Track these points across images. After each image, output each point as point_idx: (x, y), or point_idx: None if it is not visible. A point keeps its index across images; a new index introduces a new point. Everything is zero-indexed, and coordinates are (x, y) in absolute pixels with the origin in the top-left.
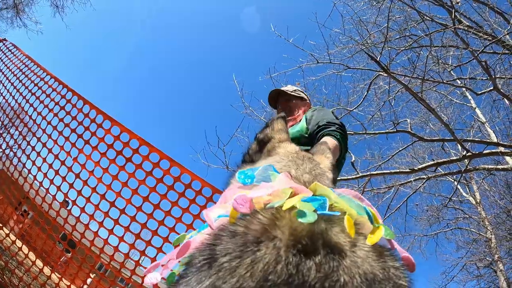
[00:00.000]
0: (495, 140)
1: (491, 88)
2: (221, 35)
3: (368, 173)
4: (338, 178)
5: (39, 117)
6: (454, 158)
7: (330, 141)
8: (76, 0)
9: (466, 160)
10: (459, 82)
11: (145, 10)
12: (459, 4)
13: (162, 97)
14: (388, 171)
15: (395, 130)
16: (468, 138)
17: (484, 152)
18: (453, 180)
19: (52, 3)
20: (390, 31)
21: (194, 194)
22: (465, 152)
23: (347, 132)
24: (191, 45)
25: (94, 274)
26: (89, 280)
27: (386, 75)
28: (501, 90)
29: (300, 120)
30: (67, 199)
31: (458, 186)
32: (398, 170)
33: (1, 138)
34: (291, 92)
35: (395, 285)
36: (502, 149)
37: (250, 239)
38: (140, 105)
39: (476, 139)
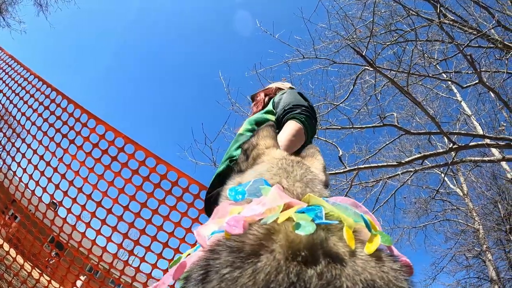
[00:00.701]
0: (481, 132)
1: (477, 81)
2: (207, 32)
3: (356, 167)
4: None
5: (23, 118)
6: (441, 150)
7: (294, 125)
8: None
9: (452, 152)
10: (444, 75)
11: (131, 9)
12: None
13: (148, 96)
14: (376, 165)
15: (381, 124)
16: (454, 131)
17: (470, 144)
18: (440, 173)
19: (36, 2)
20: (376, 26)
21: (181, 191)
22: (451, 144)
23: (326, 127)
24: (176, 43)
25: (85, 276)
26: (79, 283)
27: (372, 69)
28: (487, 83)
29: (265, 105)
30: (53, 200)
31: (445, 178)
32: (385, 164)
33: None
34: (261, 90)
35: None
36: (488, 141)
37: (249, 252)
38: (126, 104)
39: (462, 132)
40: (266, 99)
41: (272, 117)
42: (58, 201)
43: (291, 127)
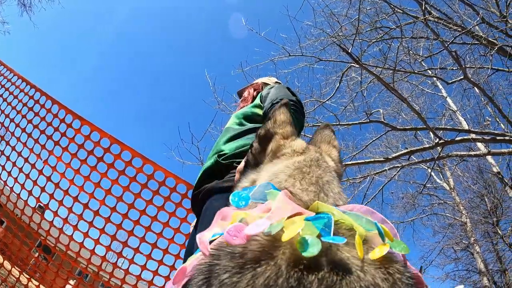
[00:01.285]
0: (466, 127)
1: (462, 77)
2: (193, 31)
3: (343, 163)
4: None
5: (7, 120)
6: (427, 146)
7: None
8: None
9: (438, 147)
10: (430, 72)
11: (117, 9)
12: None
13: (135, 96)
14: (363, 161)
15: (368, 121)
16: (440, 126)
17: (456, 139)
18: (426, 168)
19: (20, 2)
20: (361, 23)
21: (168, 191)
22: (437, 140)
23: (313, 124)
24: (162, 43)
25: (75, 280)
26: (68, 287)
27: (358, 66)
28: (471, 79)
29: (253, 99)
30: (39, 203)
31: (432, 173)
32: (372, 160)
33: None
34: (249, 85)
35: None
36: (473, 136)
37: (250, 257)
38: (112, 104)
39: (448, 127)
40: (255, 93)
41: (260, 111)
42: (45, 204)
43: None
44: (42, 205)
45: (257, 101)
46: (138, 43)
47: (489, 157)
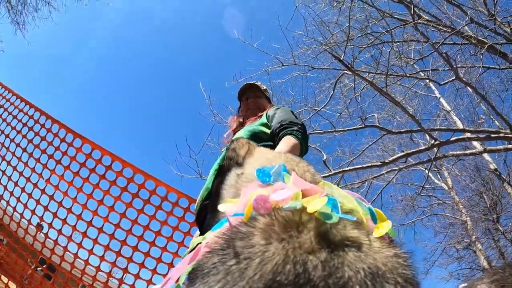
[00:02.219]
0: (461, 126)
1: (454, 77)
2: (187, 43)
3: (341, 169)
4: None
5: (7, 140)
6: (423, 147)
7: (291, 140)
8: (37, 16)
9: (435, 148)
10: (422, 74)
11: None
12: None
13: (130, 111)
14: (360, 166)
15: (363, 126)
16: (435, 127)
17: (452, 139)
18: (424, 169)
19: (13, 20)
20: (352, 30)
21: (171, 206)
22: (433, 141)
23: (309, 132)
24: (153, 55)
25: None
26: None
27: (350, 73)
28: (463, 79)
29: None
30: (42, 222)
31: (430, 174)
32: (370, 164)
33: None
34: (264, 90)
35: (400, 275)
36: (468, 135)
37: (258, 240)
38: (106, 121)
39: (443, 128)
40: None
41: (266, 129)
42: (48, 222)
43: (289, 141)
44: (45, 223)
45: (264, 119)
46: (129, 55)
47: (485, 155)
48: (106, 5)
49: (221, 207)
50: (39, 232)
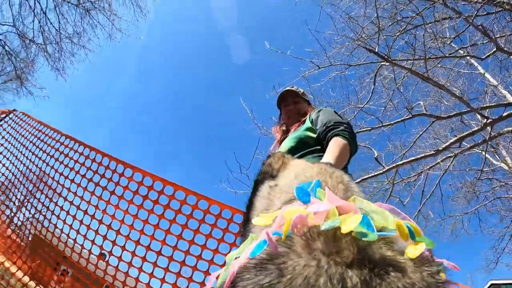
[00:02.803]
0: (511, 100)
1: (494, 49)
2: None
3: (394, 164)
4: (366, 177)
5: (61, 178)
6: (476, 128)
7: (340, 141)
8: (74, 60)
9: (488, 127)
10: (461, 52)
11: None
12: None
13: (175, 137)
14: (414, 158)
15: (410, 116)
16: (484, 105)
17: (504, 115)
18: (480, 151)
19: (53, 67)
20: (382, 19)
21: (226, 223)
22: (485, 120)
23: (356, 131)
24: (194, 78)
25: None
26: None
27: (388, 64)
28: (505, 49)
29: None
30: (103, 251)
31: (487, 156)
32: (423, 155)
33: (29, 204)
34: (301, 94)
35: None
36: None
37: (297, 259)
38: (151, 146)
39: (493, 104)
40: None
41: (312, 134)
42: (108, 251)
43: (338, 143)
44: (105, 251)
45: (308, 124)
46: (168, 83)
47: None
48: (138, 38)
49: (254, 221)
50: (101, 261)
